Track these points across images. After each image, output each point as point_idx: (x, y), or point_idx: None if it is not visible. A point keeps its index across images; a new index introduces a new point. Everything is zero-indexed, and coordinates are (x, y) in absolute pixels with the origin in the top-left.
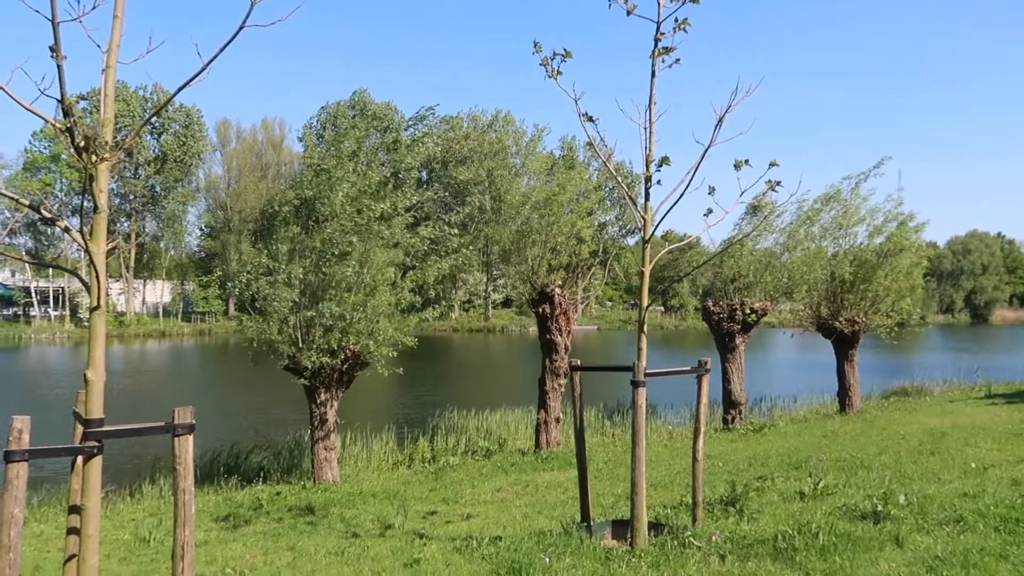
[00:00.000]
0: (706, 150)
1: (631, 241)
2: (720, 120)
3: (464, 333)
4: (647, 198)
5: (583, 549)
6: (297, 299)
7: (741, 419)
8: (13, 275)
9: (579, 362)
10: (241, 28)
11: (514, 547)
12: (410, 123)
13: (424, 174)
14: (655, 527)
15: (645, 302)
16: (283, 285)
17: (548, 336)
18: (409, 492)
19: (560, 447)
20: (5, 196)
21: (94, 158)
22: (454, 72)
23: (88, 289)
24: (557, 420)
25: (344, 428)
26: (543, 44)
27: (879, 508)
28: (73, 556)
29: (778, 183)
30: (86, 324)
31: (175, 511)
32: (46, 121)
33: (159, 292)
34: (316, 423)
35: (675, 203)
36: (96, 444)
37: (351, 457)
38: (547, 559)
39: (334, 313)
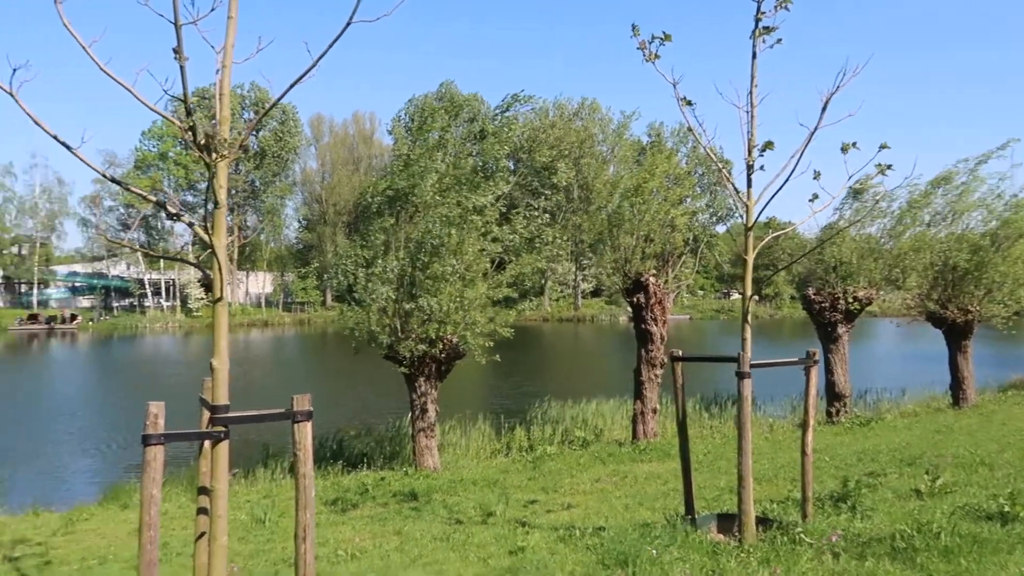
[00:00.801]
0: (812, 133)
1: (722, 228)
2: (826, 102)
3: (554, 323)
4: (749, 184)
5: (689, 542)
6: (393, 293)
7: (846, 412)
8: (129, 268)
9: (680, 352)
10: (348, 24)
11: (618, 538)
12: (497, 111)
13: (511, 163)
14: (763, 522)
15: (749, 291)
16: (379, 278)
17: (643, 326)
18: (508, 480)
19: (657, 438)
20: (136, 194)
21: (214, 156)
22: (540, 62)
23: (211, 282)
24: (654, 411)
25: (443, 416)
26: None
27: (1006, 509)
28: (203, 534)
29: (888, 167)
30: (196, 314)
31: (296, 494)
32: (171, 122)
33: (261, 283)
34: (416, 412)
35: (779, 189)
36: (223, 429)
37: (450, 445)
38: (653, 551)
39: (431, 305)
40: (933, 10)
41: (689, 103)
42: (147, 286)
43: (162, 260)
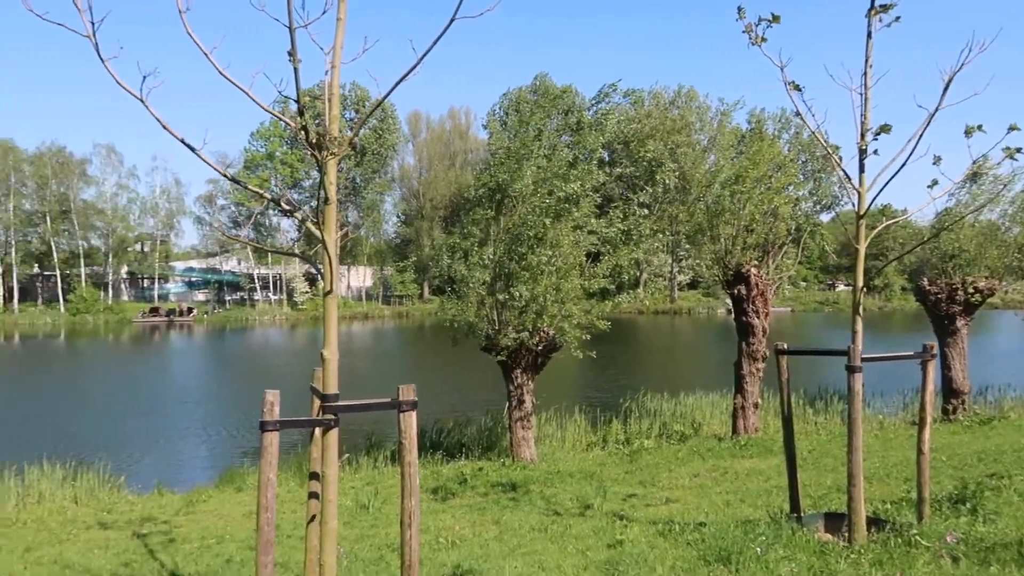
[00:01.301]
0: (931, 115)
1: (827, 217)
2: (948, 81)
3: (650, 315)
4: (862, 170)
5: (796, 541)
6: (489, 280)
7: (964, 410)
8: (239, 263)
9: (785, 345)
10: (452, 21)
11: (720, 534)
12: (593, 102)
13: (606, 155)
14: (874, 522)
15: (860, 282)
16: (477, 266)
17: (744, 318)
18: (605, 473)
19: (759, 434)
20: (253, 192)
21: (324, 153)
22: (635, 52)
23: (315, 276)
24: (755, 406)
25: (539, 408)
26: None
27: None
28: (314, 517)
29: (1017, 150)
30: (301, 307)
31: (402, 482)
32: (284, 122)
33: (361, 277)
34: (513, 403)
35: (895, 174)
36: (333, 417)
37: (546, 437)
38: (758, 549)
39: (527, 295)
40: None
41: (798, 87)
42: (256, 281)
43: (270, 256)
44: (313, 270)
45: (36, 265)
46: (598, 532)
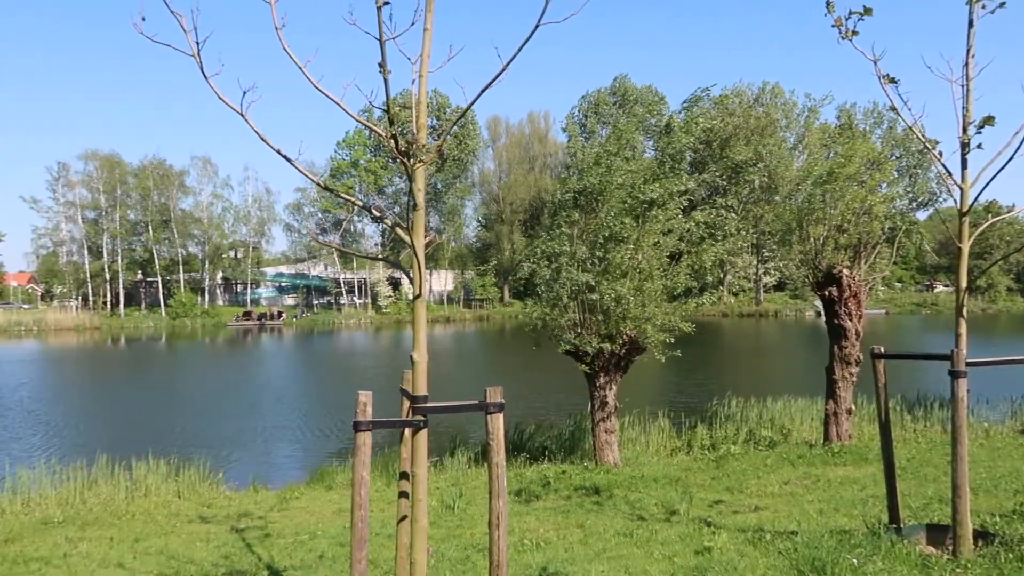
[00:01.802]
0: None
1: (923, 215)
2: None
3: (734, 318)
4: (964, 165)
5: (895, 553)
6: (581, 281)
7: None
8: (326, 268)
9: (883, 349)
10: (537, 27)
11: (813, 544)
12: (685, 106)
13: (689, 155)
14: (981, 535)
15: (964, 282)
16: (562, 269)
17: (836, 321)
18: (691, 479)
19: (852, 441)
20: (345, 199)
21: (413, 161)
22: (716, 51)
23: (411, 280)
24: (848, 412)
25: (622, 412)
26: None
27: None
28: (404, 517)
29: None
30: (385, 311)
31: (489, 483)
32: (375, 132)
33: (443, 281)
34: (596, 406)
35: (1000, 169)
36: (423, 418)
37: (629, 441)
38: (854, 560)
39: (612, 298)
40: None
41: (893, 80)
42: (342, 285)
43: (355, 261)
44: (396, 275)
45: (140, 272)
46: (685, 538)
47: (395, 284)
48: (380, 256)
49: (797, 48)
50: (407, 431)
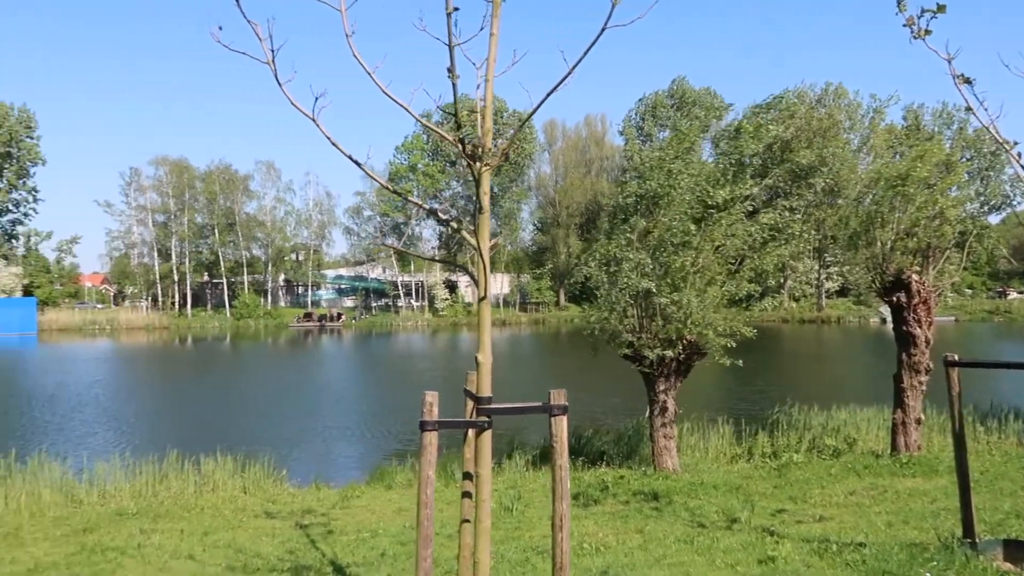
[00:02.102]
0: None
1: (995, 219)
2: None
3: (795, 324)
4: None
5: (971, 569)
6: (641, 287)
7: None
8: (384, 271)
9: (956, 357)
10: (603, 30)
11: (882, 556)
12: (759, 111)
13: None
14: None
15: None
16: (622, 273)
17: (905, 328)
18: (752, 487)
19: (921, 451)
20: (413, 203)
21: (479, 165)
22: (775, 52)
23: (476, 282)
24: (918, 422)
25: (681, 417)
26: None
27: None
28: (467, 519)
29: None
30: (442, 313)
31: (552, 485)
32: (442, 136)
33: (499, 284)
34: (655, 411)
35: None
36: (487, 419)
37: (688, 447)
38: (927, 575)
39: (672, 302)
40: None
41: (968, 80)
42: (400, 288)
43: (412, 264)
44: (453, 278)
45: (206, 273)
46: (747, 547)
47: (452, 287)
48: (448, 260)
49: (859, 49)
50: (471, 432)
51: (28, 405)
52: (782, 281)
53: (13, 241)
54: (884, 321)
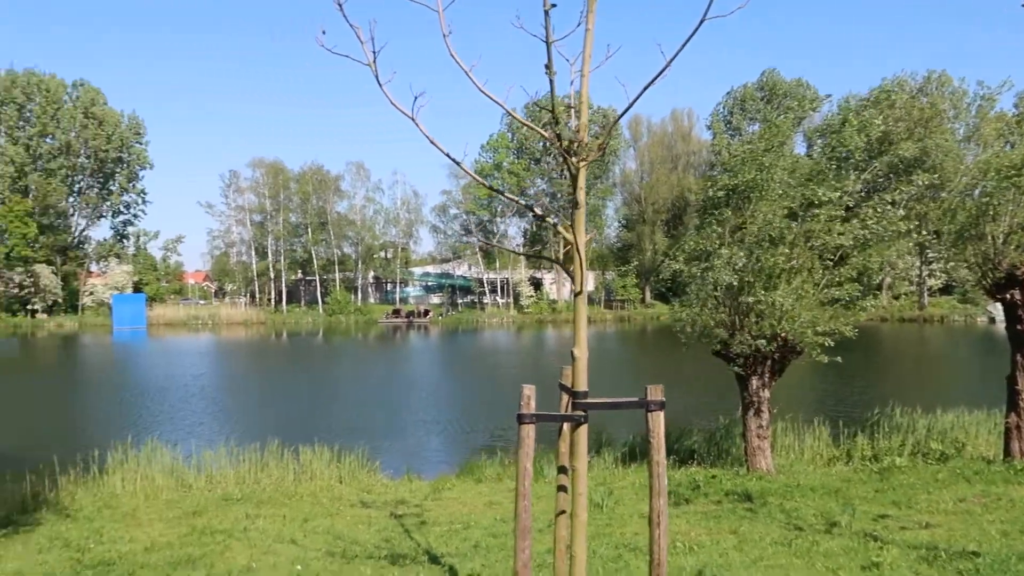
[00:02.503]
0: None
1: None
2: None
3: (894, 323)
4: None
5: None
6: (732, 283)
7: None
8: (470, 268)
9: None
10: (701, 22)
11: (1000, 567)
12: (864, 104)
13: (849, 154)
14: None
15: None
16: (714, 269)
17: (1018, 327)
18: (851, 491)
19: None
20: (510, 200)
21: (575, 160)
22: (872, 39)
23: (572, 278)
24: None
25: (775, 417)
26: None
27: None
28: (563, 511)
29: None
30: (527, 310)
31: (650, 481)
32: (539, 133)
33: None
34: (749, 411)
35: None
36: (583, 413)
37: (783, 448)
38: None
39: (767, 299)
40: None
41: None
42: (485, 285)
43: (497, 261)
44: (538, 275)
45: (300, 271)
46: (848, 551)
47: (536, 284)
48: (540, 255)
49: (965, 33)
50: (566, 426)
51: (141, 396)
52: (881, 280)
53: (124, 241)
54: (993, 320)
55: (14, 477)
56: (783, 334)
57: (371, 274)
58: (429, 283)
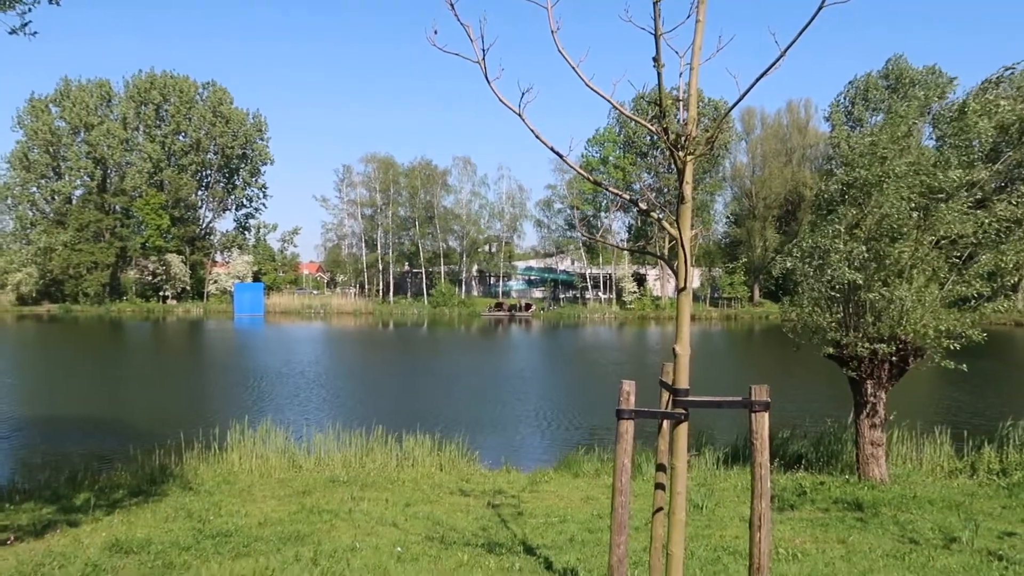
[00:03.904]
0: None
1: None
2: None
3: None
4: None
5: None
6: (850, 280)
7: None
8: (572, 263)
9: None
10: (820, 8)
11: None
12: (987, 85)
13: (975, 142)
14: None
15: None
16: (838, 264)
17: None
18: (975, 506)
19: None
20: (614, 194)
21: (683, 154)
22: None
23: (675, 273)
24: None
25: (891, 423)
26: None
27: None
28: (660, 509)
29: None
30: (629, 306)
31: (752, 483)
32: (646, 127)
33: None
34: (862, 416)
35: None
36: (684, 411)
37: (898, 456)
38: None
39: (886, 298)
40: None
41: None
42: (588, 280)
43: (601, 256)
44: (641, 270)
45: (407, 263)
46: (969, 569)
47: (640, 280)
48: (644, 249)
49: None
50: (666, 423)
51: (259, 379)
52: (1016, 280)
53: (246, 232)
54: None
55: (146, 451)
56: (902, 335)
57: (475, 267)
58: (532, 277)
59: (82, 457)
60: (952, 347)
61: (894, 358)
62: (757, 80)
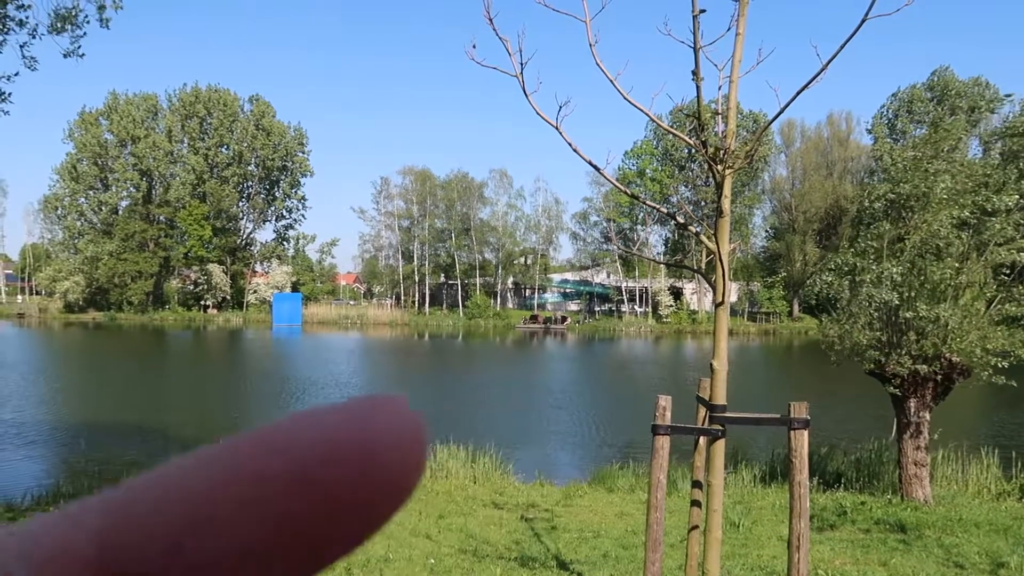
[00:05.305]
0: None
1: None
2: None
3: None
4: None
5: None
6: (888, 300)
7: None
8: (608, 276)
9: None
10: (863, 21)
11: None
12: None
13: None
14: None
15: None
16: (871, 284)
17: None
18: None
19: None
20: (651, 207)
21: (721, 167)
22: None
23: (713, 287)
24: None
25: (935, 444)
26: None
27: None
28: (695, 526)
29: None
30: (665, 320)
31: (791, 502)
32: (684, 140)
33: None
34: (905, 436)
35: None
36: (721, 427)
37: (943, 477)
38: None
39: (929, 315)
40: None
41: None
42: (624, 293)
43: (637, 270)
44: (678, 284)
45: (442, 275)
46: None
47: (676, 294)
48: (681, 264)
49: None
50: (702, 440)
51: (298, 388)
52: None
53: (285, 243)
54: None
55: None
56: (948, 355)
57: (510, 279)
58: (567, 290)
59: (124, 463)
60: (1000, 365)
61: (939, 376)
62: (798, 93)
